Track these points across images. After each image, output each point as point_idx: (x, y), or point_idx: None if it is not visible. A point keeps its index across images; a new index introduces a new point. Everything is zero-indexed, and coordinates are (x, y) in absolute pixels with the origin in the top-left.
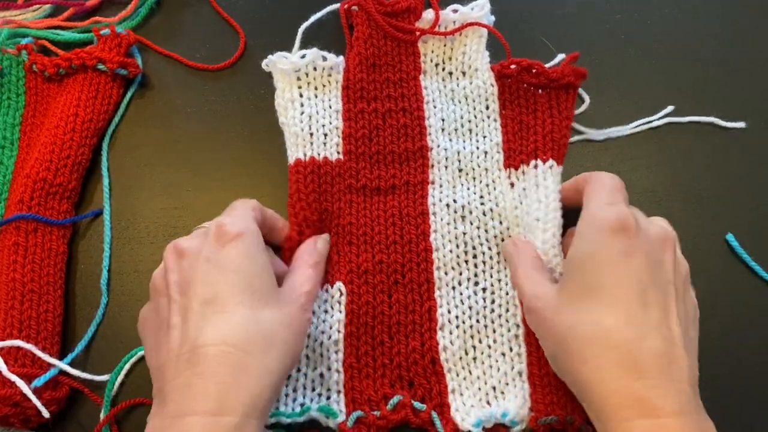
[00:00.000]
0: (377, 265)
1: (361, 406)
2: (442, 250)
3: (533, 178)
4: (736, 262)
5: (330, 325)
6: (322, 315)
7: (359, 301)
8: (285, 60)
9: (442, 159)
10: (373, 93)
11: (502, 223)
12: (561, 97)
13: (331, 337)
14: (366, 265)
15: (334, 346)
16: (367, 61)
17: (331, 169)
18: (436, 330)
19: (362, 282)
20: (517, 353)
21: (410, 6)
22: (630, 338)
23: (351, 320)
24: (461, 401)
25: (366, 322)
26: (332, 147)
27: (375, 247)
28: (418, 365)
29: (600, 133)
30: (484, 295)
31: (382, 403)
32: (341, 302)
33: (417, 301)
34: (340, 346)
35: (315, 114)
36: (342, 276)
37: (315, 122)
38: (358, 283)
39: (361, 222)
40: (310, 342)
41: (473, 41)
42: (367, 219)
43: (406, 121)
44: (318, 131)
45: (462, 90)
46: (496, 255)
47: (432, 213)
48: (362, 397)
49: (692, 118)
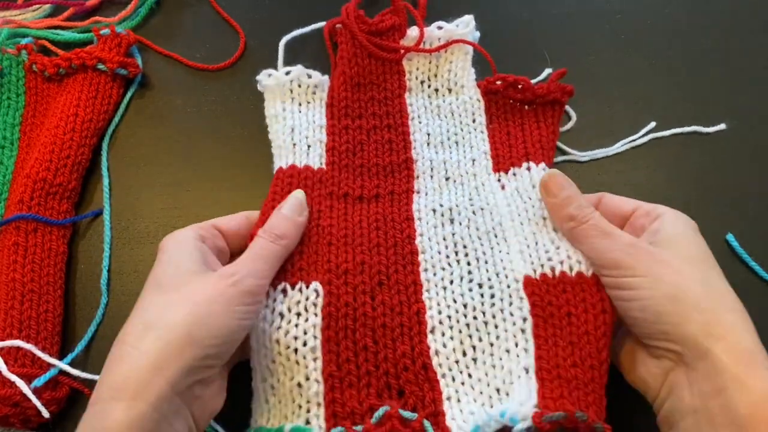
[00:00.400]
0: (359, 266)
1: (342, 421)
2: (429, 252)
3: (528, 180)
4: (736, 262)
5: (304, 330)
6: (293, 319)
7: (338, 303)
8: (269, 77)
9: (428, 169)
10: (358, 111)
11: (493, 219)
12: (547, 113)
13: (307, 343)
14: (346, 265)
15: (311, 353)
16: (351, 80)
17: (312, 175)
18: (426, 333)
19: (341, 282)
20: (524, 348)
21: (394, 24)
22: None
23: (328, 324)
24: (458, 408)
25: (346, 326)
26: (315, 157)
27: (356, 248)
28: (409, 372)
29: (584, 155)
30: (481, 290)
31: (367, 415)
32: (317, 304)
33: (404, 303)
34: (318, 353)
35: (298, 126)
36: (319, 276)
37: (298, 134)
38: (336, 283)
39: (341, 225)
40: (281, 349)
41: (459, 58)
42: (348, 222)
43: (390, 137)
44: (301, 142)
45: (448, 106)
46: (490, 250)
47: (417, 218)
48: (345, 410)
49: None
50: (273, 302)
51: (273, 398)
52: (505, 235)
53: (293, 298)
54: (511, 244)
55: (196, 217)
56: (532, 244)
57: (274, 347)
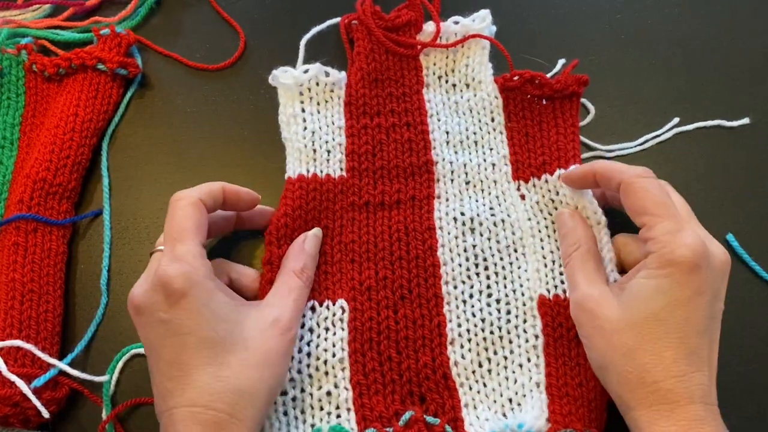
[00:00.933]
0: (381, 281)
1: (372, 423)
2: (450, 264)
3: (546, 193)
4: (736, 262)
5: (333, 343)
6: (323, 333)
7: (362, 318)
8: (287, 75)
9: (448, 173)
10: (376, 108)
11: (515, 234)
12: (565, 107)
13: (335, 355)
14: (369, 281)
15: (340, 363)
16: (369, 76)
17: (334, 186)
18: (446, 345)
19: (365, 299)
20: (535, 364)
21: (410, 19)
22: (686, 372)
23: (354, 337)
24: (475, 415)
25: (371, 338)
26: (335, 164)
27: (379, 263)
28: (430, 380)
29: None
30: (498, 306)
31: (393, 419)
32: (343, 320)
33: (426, 316)
34: (346, 363)
35: (318, 130)
36: (344, 293)
37: (318, 138)
38: (361, 299)
39: (363, 239)
40: (311, 361)
41: (476, 53)
42: (371, 236)
43: (410, 136)
44: (321, 148)
45: (466, 102)
46: (509, 265)
47: (438, 227)
48: (373, 414)
49: (698, 125)
50: (302, 318)
51: (294, 410)
52: (524, 251)
53: (321, 315)
54: (529, 262)
55: None
56: (549, 263)
57: (303, 359)
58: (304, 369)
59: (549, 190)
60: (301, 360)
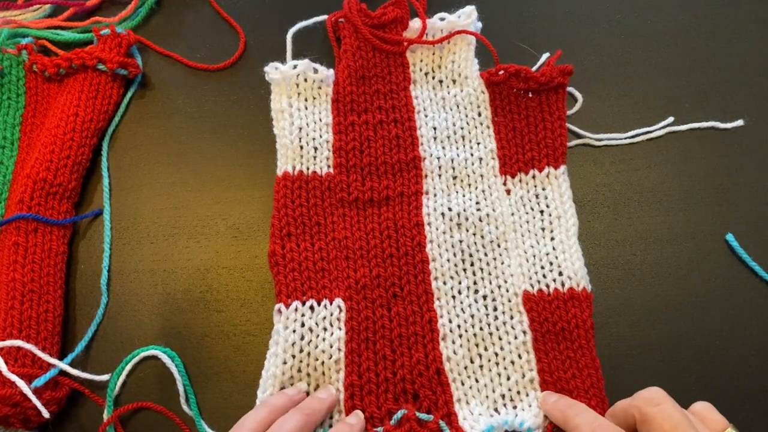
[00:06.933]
0: (375, 280)
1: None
2: (439, 260)
3: (532, 189)
4: (736, 262)
5: (330, 344)
6: (321, 333)
7: (359, 317)
8: (276, 70)
9: (436, 168)
10: (364, 105)
11: (498, 228)
12: (551, 99)
13: (332, 356)
14: (364, 280)
15: (335, 365)
16: (356, 73)
17: (321, 183)
18: (438, 341)
19: (361, 298)
20: (527, 360)
21: (397, 16)
22: None
23: (351, 337)
24: (468, 410)
25: (367, 338)
26: (322, 161)
27: (372, 261)
28: (423, 377)
29: (598, 138)
30: (485, 302)
31: (386, 418)
32: (341, 319)
33: (417, 312)
34: (341, 365)
35: (305, 126)
36: (341, 292)
37: (305, 135)
38: (357, 299)
39: (356, 236)
40: (310, 360)
41: (462, 49)
42: (362, 233)
43: (397, 132)
44: (308, 144)
45: (453, 98)
46: (494, 261)
47: (427, 223)
48: (364, 415)
49: (692, 125)
50: (302, 317)
51: None
52: (507, 246)
53: (320, 314)
54: (513, 257)
55: (196, 217)
56: (531, 258)
57: (304, 359)
58: (303, 368)
59: (535, 185)
60: (302, 360)
